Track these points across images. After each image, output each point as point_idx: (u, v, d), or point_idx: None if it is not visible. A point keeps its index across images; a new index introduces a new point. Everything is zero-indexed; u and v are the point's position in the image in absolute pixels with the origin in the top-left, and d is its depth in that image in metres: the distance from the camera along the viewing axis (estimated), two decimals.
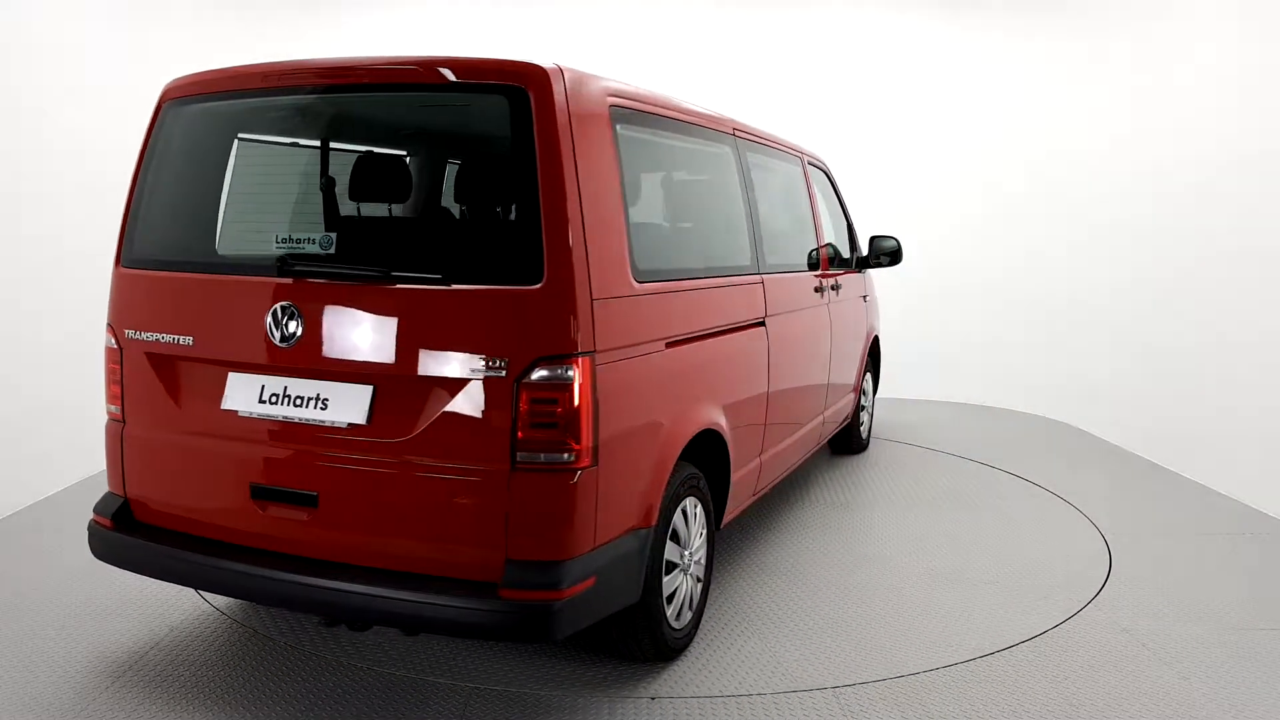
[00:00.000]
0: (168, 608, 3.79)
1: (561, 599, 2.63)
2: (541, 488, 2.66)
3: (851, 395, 5.97)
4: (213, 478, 3.06)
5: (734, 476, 3.78)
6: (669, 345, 3.20)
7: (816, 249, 5.12)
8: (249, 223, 3.21)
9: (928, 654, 3.51)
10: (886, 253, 5.96)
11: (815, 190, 5.25)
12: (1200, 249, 7.01)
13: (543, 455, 2.65)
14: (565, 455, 2.65)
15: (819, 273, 5.07)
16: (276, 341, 2.88)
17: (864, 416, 6.45)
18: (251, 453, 2.97)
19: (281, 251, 2.97)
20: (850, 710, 3.10)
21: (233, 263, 3.15)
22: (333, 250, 2.93)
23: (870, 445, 6.69)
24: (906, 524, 5.06)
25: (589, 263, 2.70)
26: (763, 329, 4.08)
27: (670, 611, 3.28)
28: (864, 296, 6.17)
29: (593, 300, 2.71)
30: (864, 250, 6.05)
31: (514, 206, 2.72)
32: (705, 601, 3.65)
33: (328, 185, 3.13)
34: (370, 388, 2.82)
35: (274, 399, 2.93)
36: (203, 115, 3.21)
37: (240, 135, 3.25)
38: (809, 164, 5.32)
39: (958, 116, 8.81)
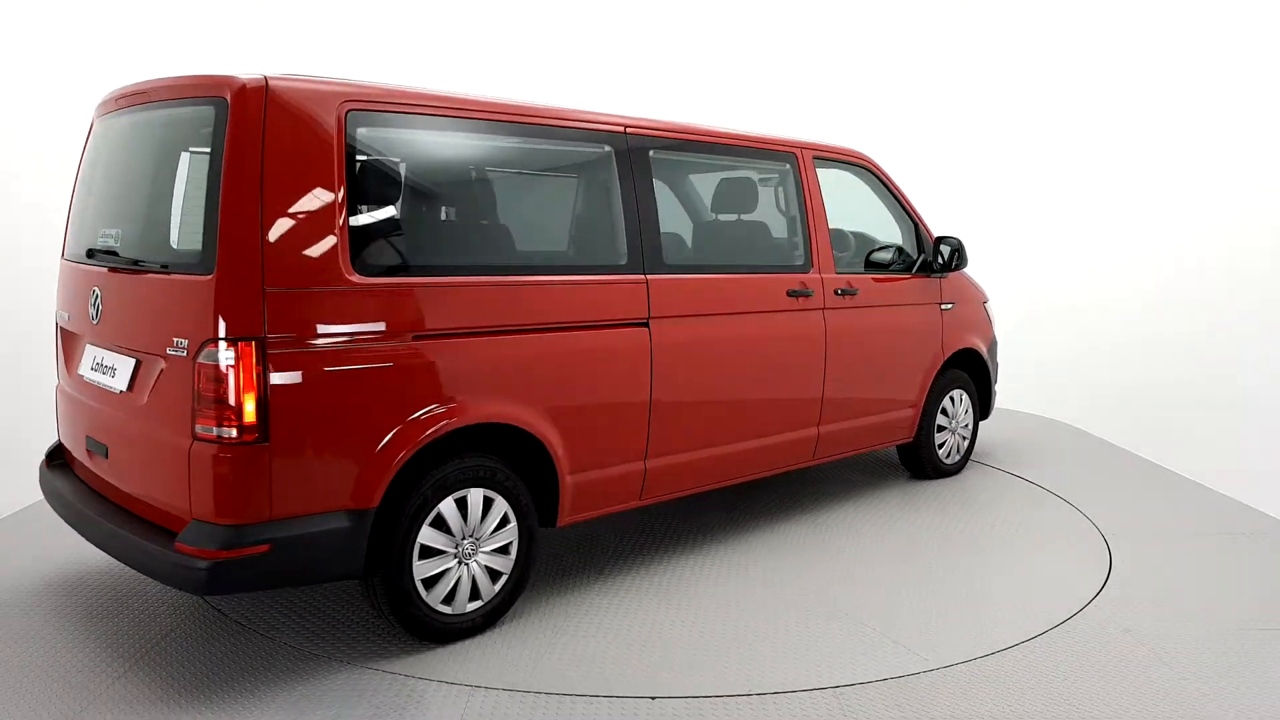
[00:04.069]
0: (167, 608, 3.80)
1: (220, 558, 2.96)
2: (209, 458, 3.00)
3: (906, 412, 5.52)
4: (75, 430, 3.80)
5: (572, 478, 3.81)
6: (420, 338, 3.32)
7: (805, 251, 4.86)
8: (96, 219, 3.79)
9: (927, 654, 3.51)
10: (949, 255, 5.59)
11: (815, 189, 4.96)
12: (1200, 247, 7.02)
13: (213, 429, 2.99)
14: (229, 431, 2.97)
15: (808, 275, 4.81)
16: (91, 319, 3.58)
17: (946, 437, 5.86)
18: (87, 409, 3.65)
19: (98, 245, 3.65)
20: (850, 710, 3.10)
21: (80, 255, 3.78)
22: (118, 244, 3.55)
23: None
24: (906, 522, 5.06)
25: (265, 256, 3.00)
26: (644, 330, 4.04)
27: (434, 595, 3.44)
28: (940, 304, 5.68)
29: (265, 291, 2.99)
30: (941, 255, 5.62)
31: (205, 205, 3.06)
32: (514, 595, 3.70)
33: (129, 188, 3.68)
34: (134, 360, 3.34)
35: (97, 367, 3.58)
36: (98, 128, 3.87)
37: (106, 147, 3.83)
38: (817, 160, 5.04)
39: (960, 112, 8.82)
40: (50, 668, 3.30)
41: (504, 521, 3.62)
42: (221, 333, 2.95)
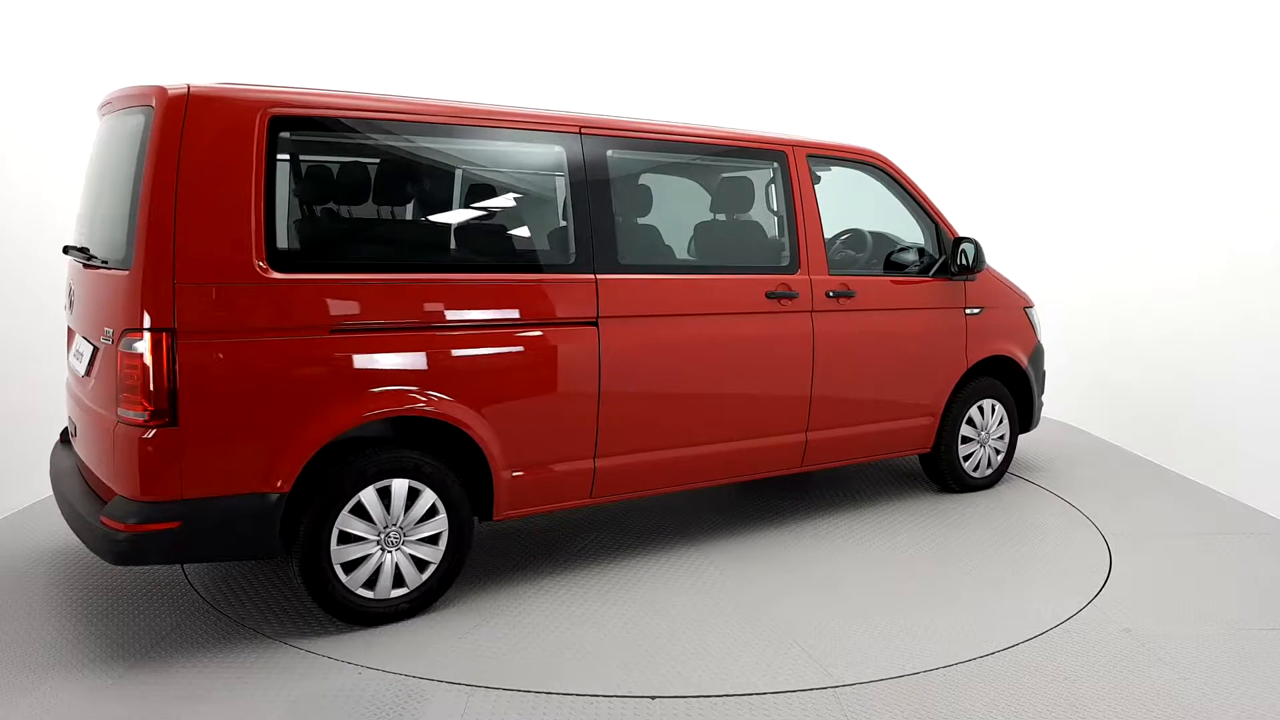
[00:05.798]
0: (169, 607, 3.80)
1: (130, 531, 3.20)
2: (126, 439, 3.24)
3: (921, 420, 5.33)
4: (68, 411, 4.05)
5: (509, 473, 3.88)
6: (338, 332, 3.48)
7: (791, 252, 4.73)
8: (79, 218, 4.07)
9: (927, 654, 3.51)
10: (972, 255, 5.32)
11: (807, 189, 4.80)
12: (1200, 247, 7.00)
13: (129, 412, 3.23)
14: (141, 414, 3.20)
15: (792, 277, 4.67)
16: (68, 310, 3.96)
17: (973, 449, 5.59)
18: (70, 392, 3.96)
19: (73, 242, 3.97)
20: (850, 710, 3.10)
21: (72, 249, 4.02)
22: (84, 241, 3.83)
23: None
24: (907, 522, 5.07)
25: (178, 252, 3.20)
26: (593, 329, 4.04)
27: (354, 578, 3.58)
28: (964, 309, 5.44)
29: (175, 285, 3.19)
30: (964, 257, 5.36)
31: (130, 205, 3.30)
32: (444, 584, 3.79)
33: (94, 188, 3.90)
34: (92, 347, 3.59)
35: (75, 354, 3.88)
36: (101, 127, 4.02)
37: (93, 150, 4.04)
38: (822, 159, 4.93)
39: (963, 115, 8.82)
40: (51, 667, 3.30)
41: (433, 512, 3.72)
42: (135, 323, 3.19)
